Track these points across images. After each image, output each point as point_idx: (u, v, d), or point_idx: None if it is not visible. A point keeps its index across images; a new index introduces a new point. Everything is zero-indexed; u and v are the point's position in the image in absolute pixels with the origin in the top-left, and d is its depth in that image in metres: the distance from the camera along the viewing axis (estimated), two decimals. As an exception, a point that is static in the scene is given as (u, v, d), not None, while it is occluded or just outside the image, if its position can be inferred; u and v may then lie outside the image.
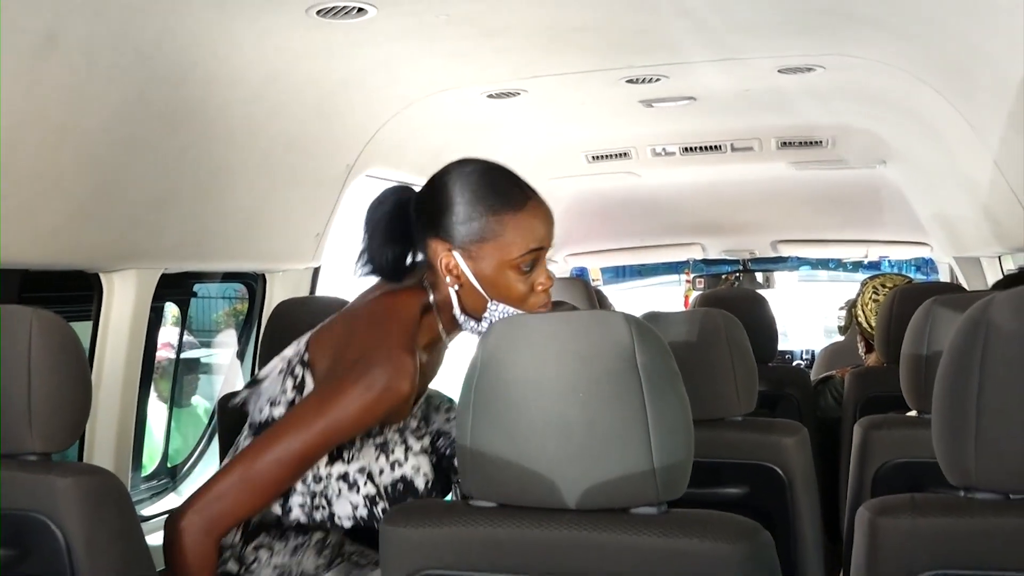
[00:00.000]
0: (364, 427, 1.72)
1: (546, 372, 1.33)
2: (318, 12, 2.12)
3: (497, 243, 1.77)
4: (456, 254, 1.76)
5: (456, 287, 1.77)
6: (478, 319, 1.79)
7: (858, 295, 3.52)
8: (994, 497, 1.21)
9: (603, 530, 1.29)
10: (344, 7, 2.11)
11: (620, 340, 1.31)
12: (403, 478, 1.80)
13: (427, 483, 1.82)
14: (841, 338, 4.67)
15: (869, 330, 3.30)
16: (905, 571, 1.22)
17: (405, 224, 1.81)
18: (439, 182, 1.82)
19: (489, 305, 1.77)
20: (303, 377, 1.76)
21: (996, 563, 1.18)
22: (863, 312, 3.35)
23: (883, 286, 3.32)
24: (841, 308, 3.83)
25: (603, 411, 1.30)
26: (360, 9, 2.13)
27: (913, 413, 2.17)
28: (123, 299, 2.43)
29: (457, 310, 1.79)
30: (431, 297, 1.80)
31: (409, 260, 1.84)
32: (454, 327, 1.83)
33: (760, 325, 3.21)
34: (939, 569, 1.20)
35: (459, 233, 1.78)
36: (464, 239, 1.77)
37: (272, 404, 1.77)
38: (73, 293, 2.40)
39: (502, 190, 1.82)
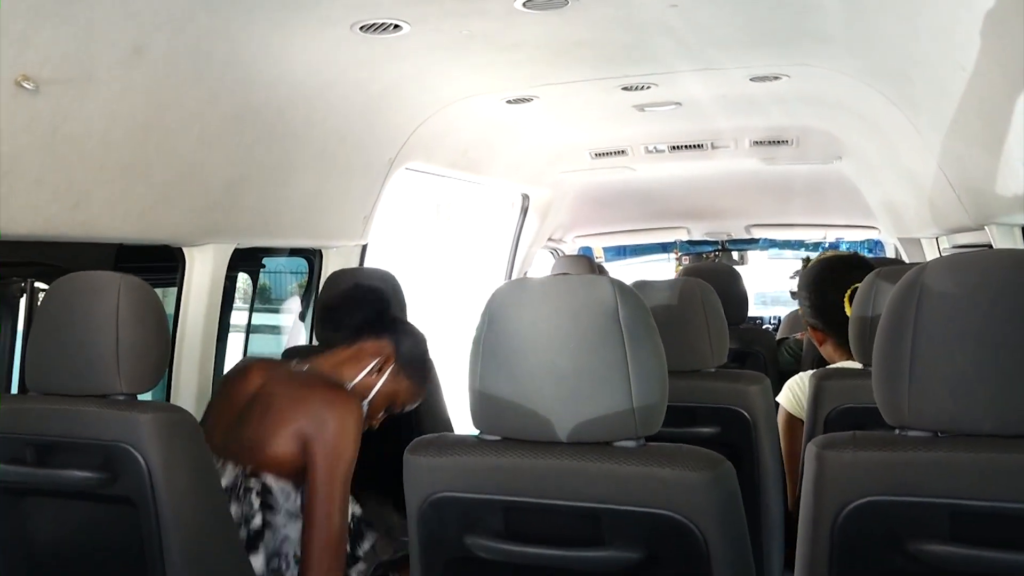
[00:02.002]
0: None
1: (543, 327, 1.30)
2: (361, 28, 2.08)
3: (408, 387, 2.03)
4: (394, 364, 2.00)
5: (368, 374, 1.97)
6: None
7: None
8: (924, 434, 1.17)
9: (590, 460, 1.26)
10: (382, 24, 2.07)
11: (605, 300, 1.28)
12: None
13: None
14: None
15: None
16: (846, 497, 1.18)
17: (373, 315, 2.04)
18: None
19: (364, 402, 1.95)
20: None
21: (924, 491, 1.14)
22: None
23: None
24: (791, 277, 3.77)
25: (590, 359, 1.27)
26: (396, 26, 2.09)
27: (859, 365, 2.13)
28: (202, 269, 2.41)
29: (352, 384, 1.95)
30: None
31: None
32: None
33: (732, 293, 3.17)
34: (875, 495, 1.16)
35: (406, 358, 2.02)
36: (404, 364, 2.01)
37: None
38: (161, 264, 2.38)
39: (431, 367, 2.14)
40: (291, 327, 3.45)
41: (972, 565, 1.12)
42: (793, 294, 3.72)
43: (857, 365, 2.10)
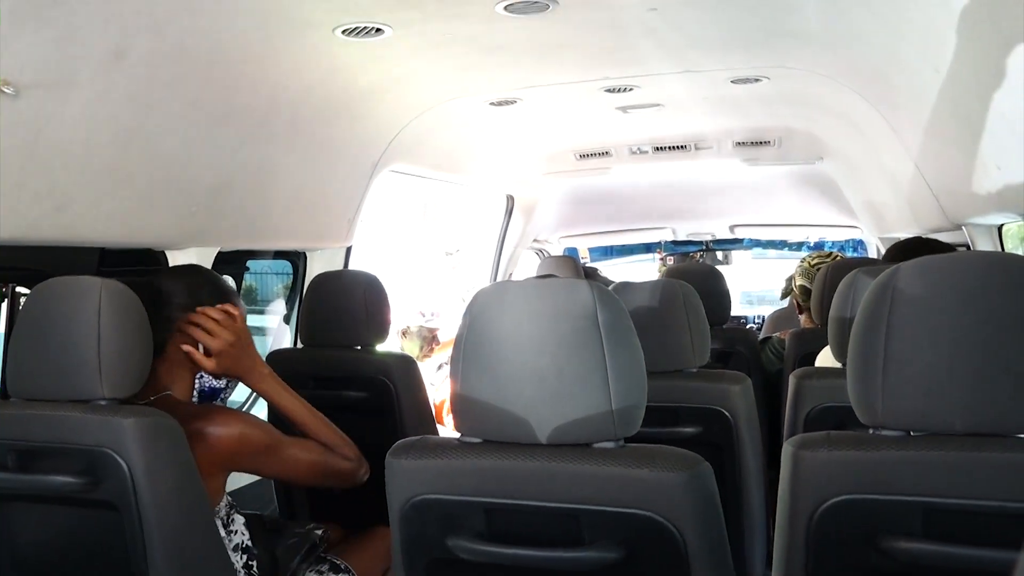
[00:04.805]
0: None
1: (523, 329, 1.31)
2: (343, 32, 2.09)
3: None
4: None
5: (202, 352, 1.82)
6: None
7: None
8: (897, 434, 1.19)
9: (570, 461, 1.27)
10: (365, 27, 2.08)
11: (584, 303, 1.29)
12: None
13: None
14: (786, 304, 4.63)
15: (796, 290, 3.35)
16: (821, 495, 1.20)
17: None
18: (178, 283, 1.85)
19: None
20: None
21: (898, 489, 1.16)
22: (794, 277, 3.40)
23: (810, 257, 3.38)
24: (786, 280, 3.82)
25: (570, 361, 1.28)
26: (378, 29, 2.10)
27: (839, 365, 2.14)
28: (186, 273, 2.40)
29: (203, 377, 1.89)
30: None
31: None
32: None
33: (715, 294, 3.18)
34: (849, 494, 1.18)
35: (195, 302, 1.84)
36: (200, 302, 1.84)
37: None
38: (144, 268, 2.37)
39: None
40: (275, 329, 3.45)
41: (944, 561, 1.14)
42: (784, 292, 3.76)
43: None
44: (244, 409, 3.15)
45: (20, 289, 1.99)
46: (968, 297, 1.15)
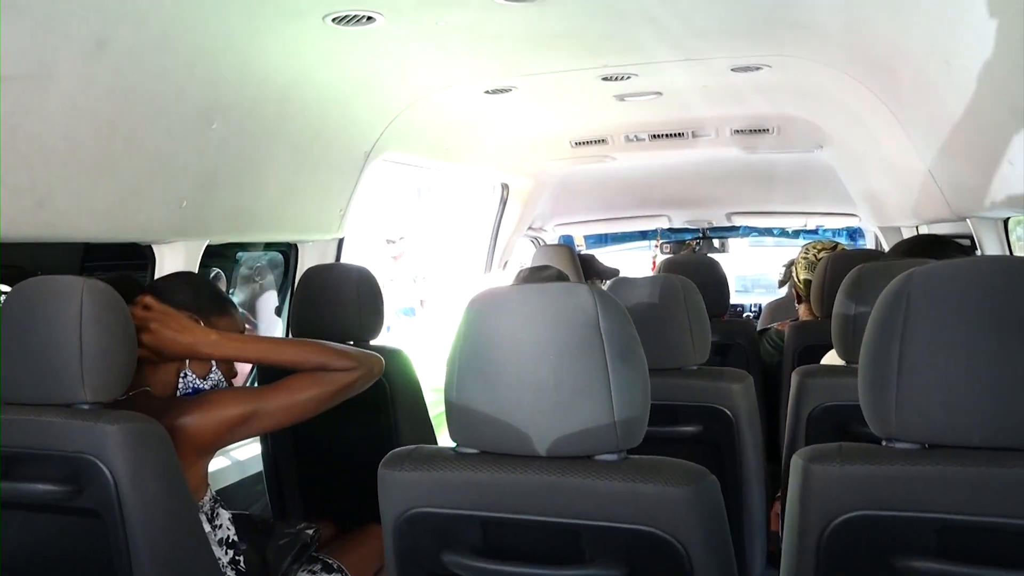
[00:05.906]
0: None
1: (522, 336, 1.25)
2: (333, 20, 2.02)
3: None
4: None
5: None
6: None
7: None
8: (911, 447, 1.14)
9: (570, 474, 1.22)
10: (355, 15, 2.02)
11: (586, 309, 1.23)
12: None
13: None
14: (783, 294, 4.59)
15: (799, 283, 3.27)
16: (833, 511, 1.15)
17: None
18: (184, 282, 1.84)
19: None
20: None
21: (912, 505, 1.11)
22: (795, 268, 3.32)
23: (813, 247, 3.29)
24: (784, 265, 3.77)
25: (571, 371, 1.23)
26: (369, 17, 2.04)
27: (841, 362, 2.10)
28: (173, 267, 2.33)
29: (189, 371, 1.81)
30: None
31: None
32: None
33: (713, 285, 3.15)
34: (862, 510, 1.13)
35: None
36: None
37: None
38: (130, 262, 2.31)
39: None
40: (266, 322, 3.40)
41: (960, 581, 1.10)
42: (781, 282, 3.71)
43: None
44: (246, 383, 3.10)
45: (0, 287, 1.93)
46: (985, 305, 1.10)
